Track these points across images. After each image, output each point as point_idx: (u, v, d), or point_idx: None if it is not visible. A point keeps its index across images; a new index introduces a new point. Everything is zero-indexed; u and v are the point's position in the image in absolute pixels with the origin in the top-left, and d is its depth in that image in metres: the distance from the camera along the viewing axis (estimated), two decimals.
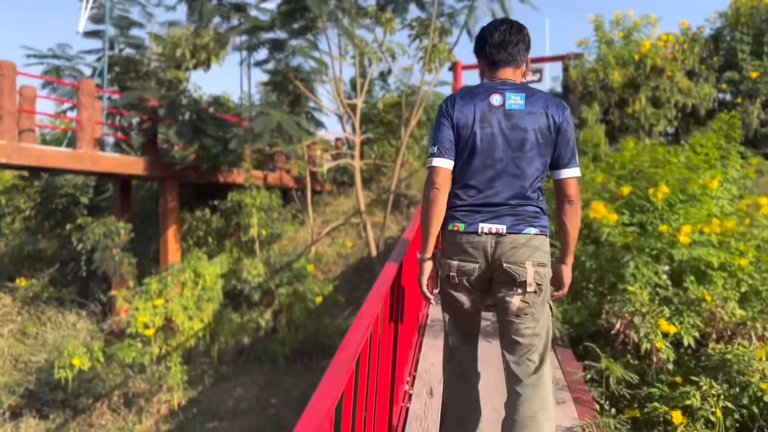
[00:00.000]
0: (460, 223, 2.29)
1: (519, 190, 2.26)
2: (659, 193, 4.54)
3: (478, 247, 2.26)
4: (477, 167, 2.28)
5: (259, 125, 9.59)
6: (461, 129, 2.29)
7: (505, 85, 2.32)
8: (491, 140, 2.25)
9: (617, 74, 12.16)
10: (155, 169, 11.30)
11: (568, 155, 2.31)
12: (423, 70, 12.29)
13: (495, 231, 2.24)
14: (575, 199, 2.34)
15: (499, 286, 2.30)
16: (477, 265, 2.27)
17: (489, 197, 2.27)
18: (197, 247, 12.65)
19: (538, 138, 2.25)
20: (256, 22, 10.43)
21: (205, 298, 9.28)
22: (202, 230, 12.62)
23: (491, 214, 2.26)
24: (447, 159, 2.30)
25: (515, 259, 2.23)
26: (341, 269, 13.56)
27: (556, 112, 2.28)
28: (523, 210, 2.27)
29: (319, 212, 15.75)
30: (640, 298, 4.07)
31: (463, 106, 2.30)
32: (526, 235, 2.25)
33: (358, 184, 11.96)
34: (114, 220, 11.31)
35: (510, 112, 2.26)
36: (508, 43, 2.37)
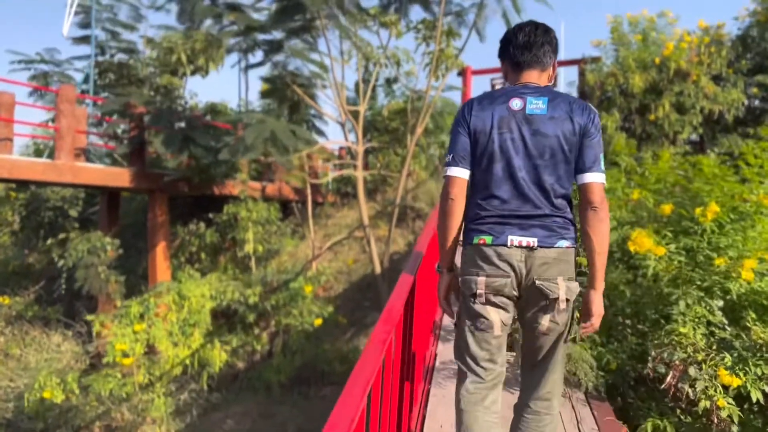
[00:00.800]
0: (486, 236, 2.17)
1: (546, 200, 2.15)
2: (709, 213, 3.86)
3: (506, 260, 2.14)
4: (498, 175, 2.17)
5: (250, 135, 8.99)
6: (479, 135, 2.19)
7: (527, 89, 2.22)
8: (510, 147, 2.15)
9: (638, 78, 11.51)
10: (143, 180, 10.72)
11: (591, 158, 2.15)
12: (430, 75, 11.69)
13: (526, 244, 2.12)
14: (600, 206, 2.13)
15: (529, 304, 2.19)
16: (509, 279, 2.15)
17: (515, 208, 2.15)
18: (189, 264, 12.04)
19: (562, 144, 2.13)
20: (250, 22, 9.85)
21: (191, 322, 8.64)
22: (195, 245, 12.03)
23: (520, 226, 2.14)
24: (462, 168, 2.21)
25: (548, 275, 2.12)
26: (343, 287, 12.91)
27: (581, 116, 2.15)
28: (553, 221, 2.15)
29: (320, 225, 15.13)
30: (693, 340, 3.39)
31: (481, 111, 2.20)
32: (558, 249, 2.13)
33: (360, 196, 11.33)
34: (100, 235, 10.73)
35: (531, 116, 2.15)
36: (533, 44, 2.26)
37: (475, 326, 2.24)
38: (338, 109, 11.23)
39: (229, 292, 9.78)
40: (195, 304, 8.83)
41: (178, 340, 8.43)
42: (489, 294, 2.18)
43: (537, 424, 2.27)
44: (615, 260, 4.69)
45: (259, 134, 9.02)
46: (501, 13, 10.52)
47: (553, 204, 2.16)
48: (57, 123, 9.47)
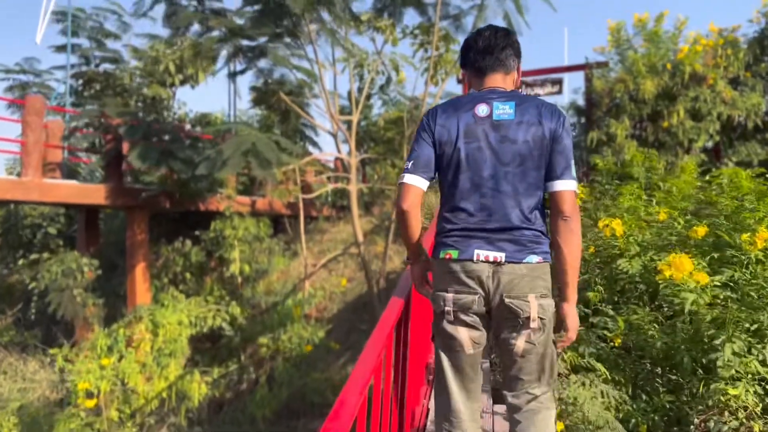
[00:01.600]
0: (452, 250, 2.11)
1: (515, 211, 2.07)
2: (758, 239, 3.20)
3: (473, 276, 2.06)
4: (465, 187, 2.10)
5: (228, 148, 8.38)
6: (444, 145, 2.13)
7: (493, 94, 2.15)
8: (478, 156, 2.08)
9: (649, 84, 10.92)
10: (120, 197, 10.11)
11: (562, 165, 2.08)
12: (427, 82, 11.10)
13: (492, 259, 2.05)
14: (572, 215, 2.06)
15: (500, 323, 2.11)
16: (476, 296, 2.07)
17: (482, 221, 2.08)
18: (173, 285, 11.41)
19: (531, 150, 2.06)
20: (233, 26, 9.27)
21: (166, 351, 7.99)
22: (180, 265, 11.38)
23: (486, 240, 2.07)
24: (419, 177, 2.12)
25: (517, 292, 2.03)
26: (338, 307, 12.24)
27: (550, 120, 2.08)
28: (522, 234, 2.07)
29: (315, 241, 14.49)
30: (745, 403, 2.72)
31: (446, 120, 2.14)
32: (528, 264, 2.05)
33: (354, 211, 10.70)
34: (76, 255, 10.11)
35: (498, 122, 2.09)
36: (494, 47, 2.21)
37: (446, 346, 2.17)
38: (329, 118, 10.62)
39: (210, 317, 9.12)
40: (171, 332, 8.17)
41: (152, 372, 7.76)
42: (457, 311, 2.10)
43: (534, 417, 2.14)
44: (639, 294, 4.04)
45: (237, 147, 8.41)
46: (503, 15, 9.92)
47: (523, 215, 2.07)
48: (24, 137, 8.88)
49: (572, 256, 2.07)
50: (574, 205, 2.07)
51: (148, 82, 13.85)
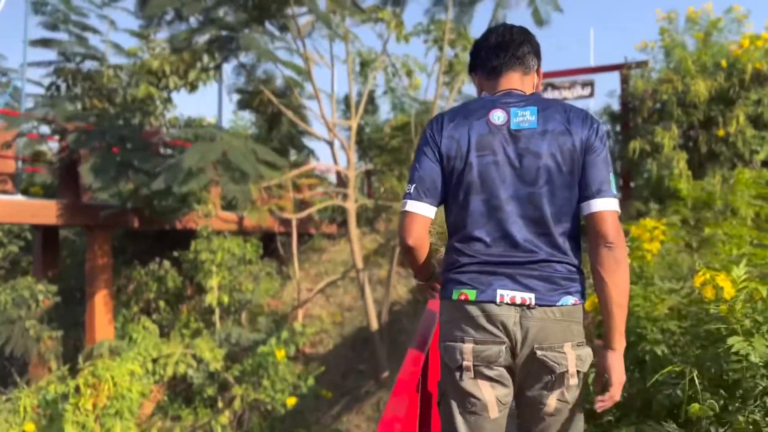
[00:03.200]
0: (468, 290, 1.77)
1: (543, 241, 1.75)
2: None
3: (497, 322, 1.73)
4: (479, 211, 1.79)
5: (191, 157, 7.05)
6: (452, 160, 1.81)
7: (510, 98, 1.85)
8: (495, 173, 1.78)
9: (701, 85, 9.49)
10: (75, 215, 8.85)
11: (598, 180, 1.76)
12: (438, 83, 9.76)
13: (520, 302, 1.72)
14: (616, 241, 1.73)
15: (528, 379, 1.77)
16: (503, 346, 1.74)
17: (504, 253, 1.76)
18: (146, 315, 10.10)
19: (559, 164, 1.75)
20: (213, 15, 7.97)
21: (111, 411, 6.66)
22: (153, 291, 10.08)
23: (511, 277, 1.74)
24: (425, 203, 1.81)
25: (551, 342, 1.72)
26: (334, 342, 10.87)
27: (581, 127, 1.78)
28: (554, 270, 1.75)
29: (312, 262, 13.15)
30: None
31: (454, 129, 1.82)
32: (562, 307, 1.73)
33: (352, 232, 9.38)
34: (29, 281, 8.85)
35: (517, 132, 1.78)
36: (510, 43, 1.91)
37: (464, 408, 1.79)
38: (323, 123, 9.28)
39: (171, 363, 7.78)
40: (121, 386, 6.83)
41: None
42: (479, 366, 1.75)
43: None
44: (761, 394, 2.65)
45: (202, 156, 7.08)
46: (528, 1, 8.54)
47: (554, 245, 1.77)
48: None
49: (619, 292, 1.74)
50: (617, 228, 1.76)
51: (135, 82, 12.73)
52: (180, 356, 8.05)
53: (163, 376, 7.86)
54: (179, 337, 10.01)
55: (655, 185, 9.73)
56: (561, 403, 1.77)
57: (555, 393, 1.76)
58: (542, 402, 1.77)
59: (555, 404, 1.77)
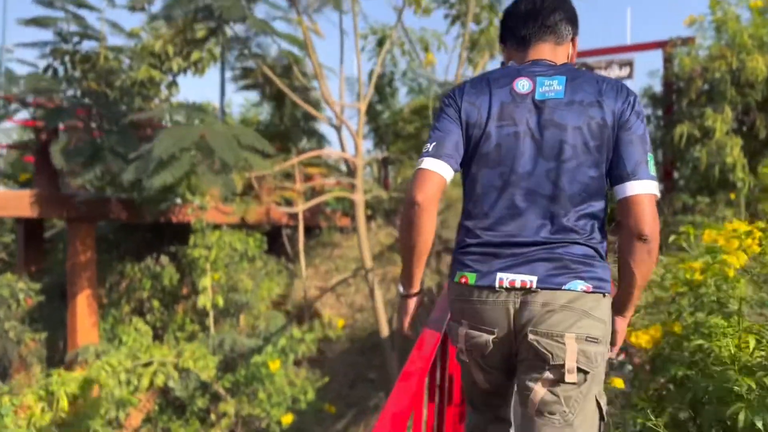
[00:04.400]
0: (469, 272, 1.70)
1: (557, 220, 1.65)
2: None
3: (494, 308, 1.66)
4: (491, 185, 1.69)
5: (163, 144, 6.27)
6: (471, 128, 1.71)
7: (538, 66, 1.73)
8: (513, 145, 1.67)
9: (759, 61, 8.41)
10: (52, 206, 8.19)
11: (634, 159, 1.62)
12: (460, 62, 8.86)
13: (520, 285, 1.63)
14: (651, 234, 1.60)
15: (523, 365, 1.68)
16: (491, 336, 1.67)
17: (511, 232, 1.66)
18: (138, 315, 9.44)
19: (586, 139, 1.63)
20: None
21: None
22: (147, 289, 9.41)
23: (515, 259, 1.64)
24: (443, 162, 1.68)
25: (548, 328, 1.59)
26: (342, 347, 10.10)
27: (615, 99, 1.65)
28: (565, 251, 1.63)
29: (323, 257, 12.39)
30: None
31: (476, 96, 1.72)
32: (569, 292, 1.61)
33: (361, 228, 8.58)
34: (9, 279, 8.24)
35: (542, 102, 1.67)
36: (541, 10, 1.78)
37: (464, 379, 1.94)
38: (330, 105, 8.43)
39: (148, 374, 7.06)
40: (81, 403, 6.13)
41: None
42: (472, 351, 1.74)
43: None
44: None
45: (176, 142, 6.30)
46: None
47: (572, 226, 1.64)
48: None
49: (644, 279, 1.69)
50: (654, 218, 1.62)
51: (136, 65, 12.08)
52: (158, 365, 7.34)
53: (137, 387, 7.17)
54: (173, 341, 9.35)
55: (704, 175, 8.72)
56: (551, 396, 1.61)
57: (544, 382, 1.62)
58: (528, 388, 1.65)
59: (543, 394, 1.62)
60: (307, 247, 12.41)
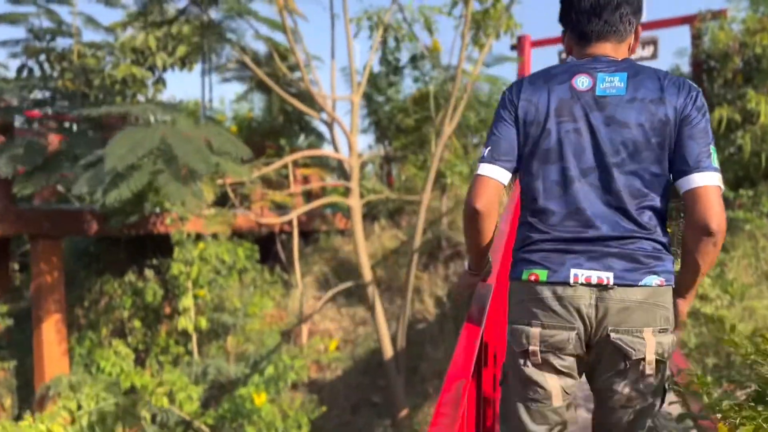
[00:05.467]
0: (539, 269, 1.73)
1: (623, 216, 1.69)
2: None
3: (570, 305, 1.68)
4: (554, 182, 1.74)
5: (116, 151, 5.41)
6: (529, 126, 1.77)
7: (599, 63, 1.76)
8: (575, 141, 1.72)
9: None
10: (8, 220, 7.35)
11: (696, 152, 1.65)
12: (463, 45, 7.96)
13: (596, 282, 1.67)
14: (718, 228, 1.63)
15: (600, 365, 1.74)
16: (573, 332, 1.68)
17: (581, 228, 1.70)
18: (119, 337, 8.69)
19: (648, 136, 1.68)
20: None
21: None
22: (128, 308, 8.66)
23: (587, 255, 1.69)
24: (499, 167, 1.78)
25: (628, 325, 1.66)
26: (345, 364, 9.29)
27: (677, 95, 1.69)
28: (637, 248, 1.68)
29: (322, 264, 11.56)
30: None
31: (533, 93, 1.78)
32: (645, 288, 1.67)
33: (357, 235, 7.72)
34: None
35: (603, 99, 1.72)
36: (604, 7, 1.78)
37: (526, 396, 1.79)
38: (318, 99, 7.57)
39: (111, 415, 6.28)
40: None
41: None
42: (547, 353, 1.71)
43: None
44: None
45: (132, 149, 5.46)
46: None
47: (638, 222, 1.69)
48: None
49: (707, 267, 1.73)
50: (721, 211, 1.63)
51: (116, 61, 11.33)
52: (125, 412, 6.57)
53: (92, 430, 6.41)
54: (157, 365, 8.59)
55: (746, 165, 7.80)
56: (635, 393, 1.70)
57: (628, 381, 1.69)
58: (612, 390, 1.72)
59: (627, 394, 1.70)
60: (305, 253, 11.61)
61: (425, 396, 7.89)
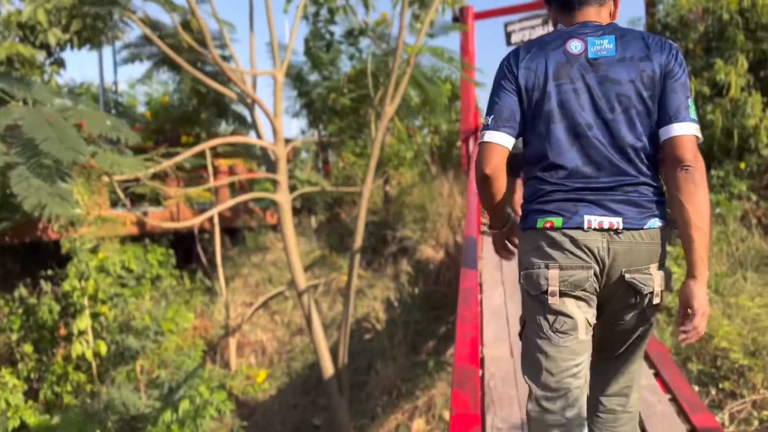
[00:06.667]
0: (554, 217, 1.87)
1: (627, 166, 1.86)
2: None
3: (584, 247, 1.84)
4: (560, 139, 1.89)
5: None
6: (531, 91, 1.92)
7: (586, 28, 1.94)
8: (574, 100, 1.88)
9: None
10: None
11: (676, 104, 1.84)
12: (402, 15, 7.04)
13: (608, 226, 1.83)
14: (694, 164, 1.82)
15: (612, 301, 1.93)
16: (590, 271, 1.85)
17: (590, 177, 1.87)
18: (6, 365, 7.41)
19: (640, 91, 1.86)
20: None
21: None
22: (15, 330, 7.38)
23: (597, 202, 1.85)
24: (504, 133, 1.91)
25: (638, 264, 1.85)
26: (280, 380, 8.28)
27: (660, 53, 1.87)
28: (640, 193, 1.86)
29: (252, 266, 10.47)
30: None
31: (531, 60, 1.93)
32: (650, 230, 1.85)
33: (286, 235, 6.72)
34: None
35: (596, 60, 1.89)
36: None
37: (553, 329, 1.90)
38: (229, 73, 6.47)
39: None
40: None
41: None
42: (566, 291, 1.86)
43: (613, 424, 2.09)
44: None
45: None
46: None
47: (638, 169, 1.87)
48: None
49: (699, 215, 1.80)
50: (695, 152, 1.84)
51: None
52: None
53: None
54: (53, 397, 7.35)
55: (719, 142, 7.24)
56: (639, 320, 1.91)
57: (637, 311, 1.88)
58: (622, 318, 1.91)
59: (633, 321, 1.91)
60: (232, 254, 10.50)
61: (373, 416, 7.01)
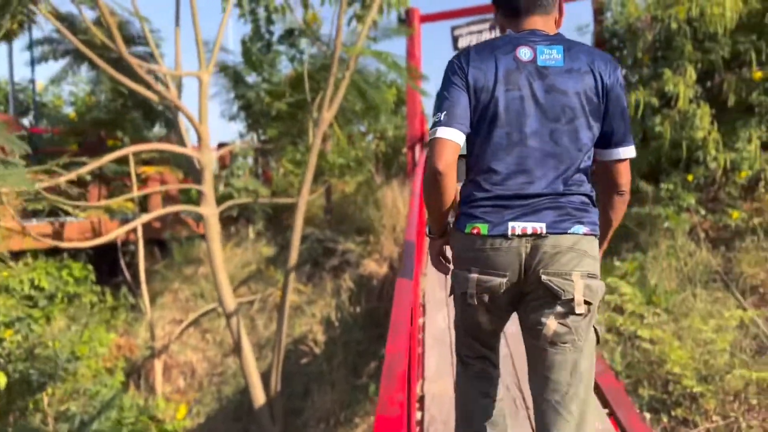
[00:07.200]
0: (481, 224, 1.93)
1: (560, 174, 1.91)
2: None
3: (507, 254, 1.91)
4: (500, 144, 1.92)
5: None
6: (479, 92, 1.92)
7: (536, 36, 1.96)
8: (520, 107, 1.90)
9: (727, 5, 6.77)
10: None
11: (622, 129, 1.97)
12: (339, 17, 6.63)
13: (531, 231, 1.88)
14: (627, 189, 2.07)
15: (533, 304, 1.94)
16: (504, 279, 1.92)
17: (521, 186, 1.91)
18: None
19: (582, 103, 1.90)
20: None
21: None
22: None
23: (524, 209, 1.90)
24: (456, 129, 1.90)
25: (558, 268, 1.87)
26: (210, 406, 7.71)
27: (605, 70, 1.93)
28: (568, 201, 1.91)
29: (183, 280, 9.82)
30: None
31: (482, 61, 1.94)
32: (573, 235, 1.89)
33: (214, 254, 6.20)
34: None
35: (545, 69, 1.91)
36: None
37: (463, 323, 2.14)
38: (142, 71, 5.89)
39: None
40: None
41: None
42: (481, 294, 1.96)
43: None
44: None
45: None
46: None
47: (571, 180, 1.92)
48: None
49: (617, 222, 2.14)
50: (629, 176, 2.04)
51: None
52: None
53: None
54: None
55: (668, 154, 7.10)
56: (562, 327, 1.85)
57: (553, 314, 1.85)
58: (541, 323, 1.87)
59: (555, 327, 1.85)
60: (161, 267, 9.84)
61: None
